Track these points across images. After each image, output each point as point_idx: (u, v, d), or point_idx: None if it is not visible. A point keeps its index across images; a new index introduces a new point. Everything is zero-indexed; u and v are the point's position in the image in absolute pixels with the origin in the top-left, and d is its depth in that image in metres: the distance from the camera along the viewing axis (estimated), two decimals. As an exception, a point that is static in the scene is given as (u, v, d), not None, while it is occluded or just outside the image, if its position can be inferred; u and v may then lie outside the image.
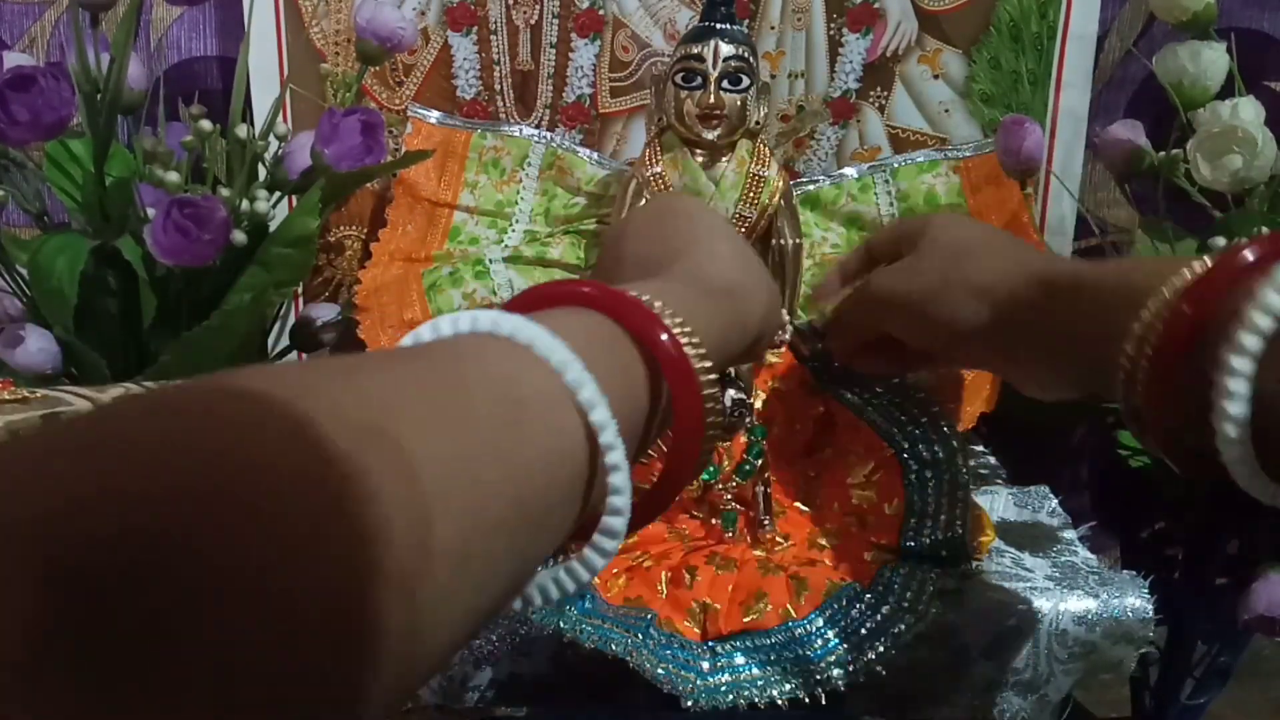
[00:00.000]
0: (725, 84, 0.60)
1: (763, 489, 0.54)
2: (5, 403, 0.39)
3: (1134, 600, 0.50)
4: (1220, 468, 0.29)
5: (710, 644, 0.47)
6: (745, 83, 0.61)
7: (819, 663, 0.45)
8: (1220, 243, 0.58)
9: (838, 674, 0.44)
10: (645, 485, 0.29)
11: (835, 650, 0.45)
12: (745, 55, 0.60)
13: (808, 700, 0.44)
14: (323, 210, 0.53)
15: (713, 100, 0.60)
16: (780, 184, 0.64)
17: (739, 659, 0.46)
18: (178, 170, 0.52)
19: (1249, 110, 0.59)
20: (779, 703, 0.44)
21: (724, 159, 0.62)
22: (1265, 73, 0.73)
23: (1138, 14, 0.74)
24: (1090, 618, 0.49)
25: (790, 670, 0.45)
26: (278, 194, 0.55)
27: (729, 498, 0.55)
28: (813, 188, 0.73)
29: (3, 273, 0.53)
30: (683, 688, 0.44)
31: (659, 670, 0.44)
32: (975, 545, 0.49)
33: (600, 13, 0.73)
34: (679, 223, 0.38)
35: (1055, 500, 0.62)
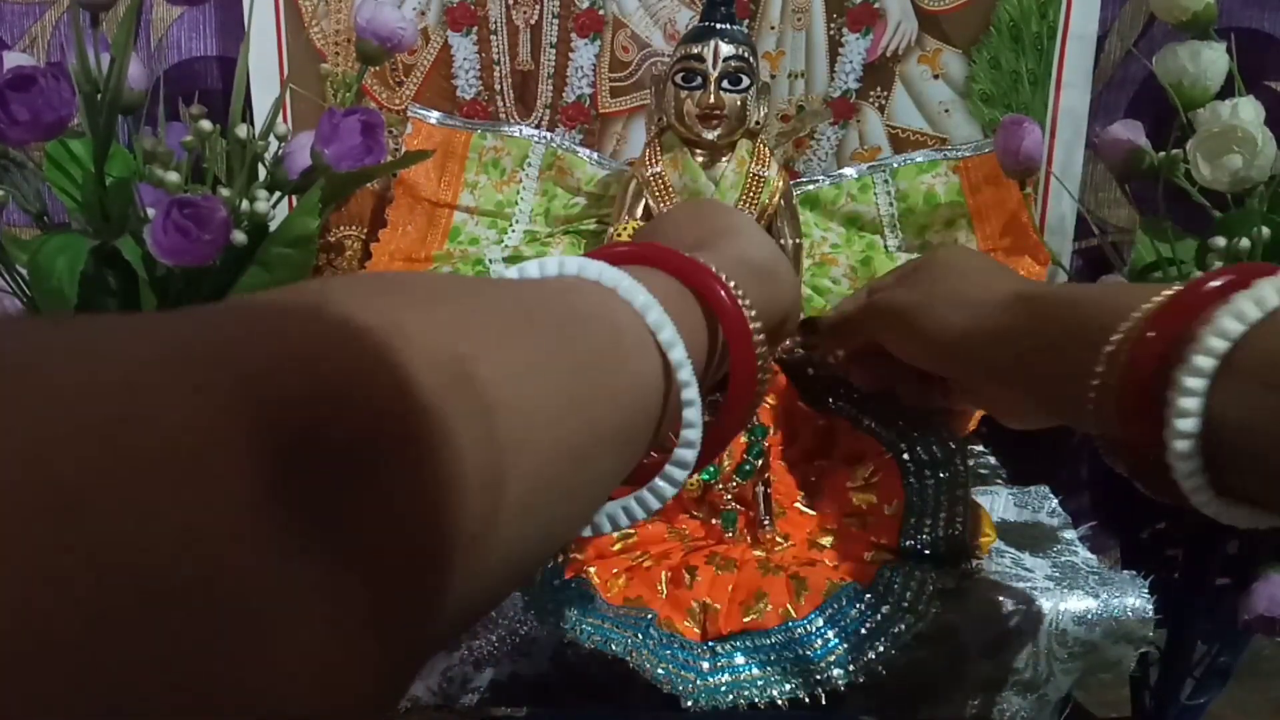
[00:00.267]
0: (725, 84, 0.60)
1: (763, 489, 0.54)
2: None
3: (1134, 600, 0.50)
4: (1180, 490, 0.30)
5: (710, 644, 0.47)
6: (745, 83, 0.61)
7: (819, 663, 0.45)
8: (1220, 243, 0.58)
9: (838, 674, 0.44)
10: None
11: (835, 650, 0.45)
12: (745, 55, 0.61)
13: (808, 700, 0.44)
14: (323, 210, 0.53)
15: (713, 100, 0.60)
16: (780, 184, 0.64)
17: (739, 659, 0.46)
18: (178, 170, 0.52)
19: (1249, 110, 0.59)
20: (779, 703, 0.44)
21: (724, 159, 0.62)
22: (1265, 73, 0.72)
23: (1138, 14, 0.74)
24: (1090, 618, 0.49)
25: (790, 670, 0.45)
26: (278, 194, 0.55)
27: (729, 498, 0.55)
28: (813, 188, 0.73)
29: (3, 273, 0.53)
30: (683, 688, 0.44)
31: (659, 670, 0.44)
32: (975, 545, 0.49)
33: (600, 13, 0.73)
34: (717, 216, 0.41)
35: (1055, 500, 0.62)
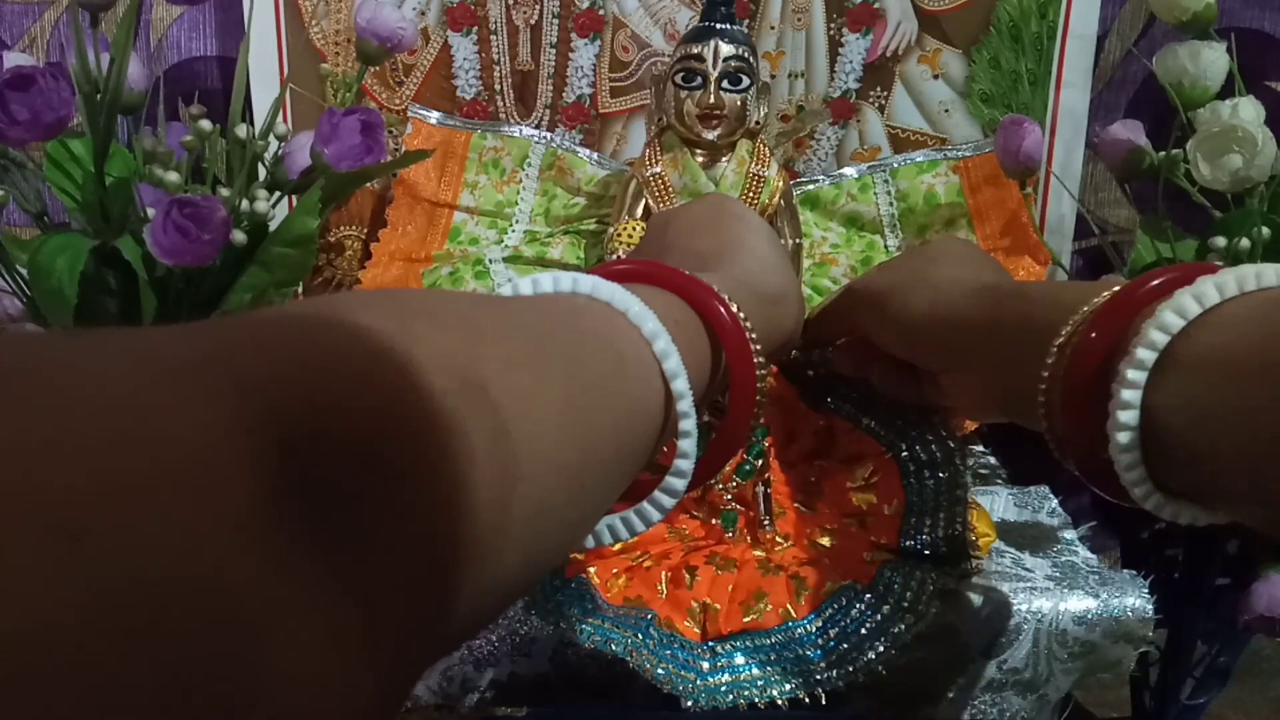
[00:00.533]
0: (725, 84, 0.60)
1: (763, 489, 0.54)
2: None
3: (1134, 600, 0.50)
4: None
5: (710, 644, 0.47)
6: (745, 83, 0.61)
7: (819, 663, 0.45)
8: (1220, 243, 0.58)
9: (838, 674, 0.44)
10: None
11: (835, 650, 0.45)
12: (745, 55, 0.61)
13: (808, 700, 0.44)
14: (323, 210, 0.53)
15: (713, 100, 0.60)
16: (780, 184, 0.64)
17: (739, 659, 0.46)
18: (178, 170, 0.52)
19: (1249, 110, 0.59)
20: (779, 703, 0.44)
21: (724, 159, 0.62)
22: (1265, 73, 0.72)
23: (1138, 14, 0.74)
24: (1090, 617, 0.49)
25: (790, 670, 0.45)
26: (278, 194, 0.55)
27: (729, 498, 0.55)
28: (813, 188, 0.73)
29: (3, 273, 0.53)
30: (683, 688, 0.44)
31: (659, 670, 0.44)
32: (975, 545, 0.49)
33: (600, 13, 0.73)
34: (732, 225, 0.41)
35: (1055, 500, 0.62)
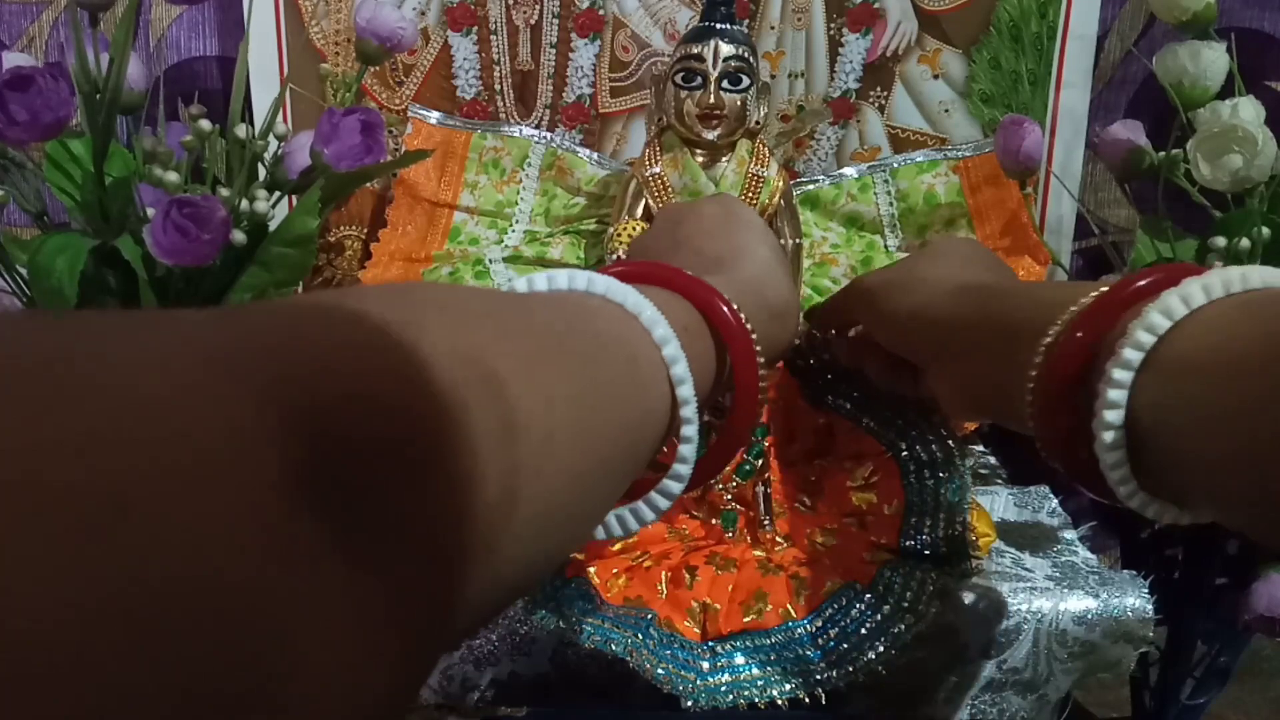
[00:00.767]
0: (725, 84, 0.60)
1: (763, 489, 0.54)
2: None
3: (1134, 600, 0.50)
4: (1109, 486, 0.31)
5: (710, 644, 0.47)
6: (745, 83, 0.61)
7: (819, 663, 0.45)
8: (1220, 243, 0.58)
9: (838, 674, 0.44)
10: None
11: (835, 650, 0.45)
12: (745, 55, 0.60)
13: (808, 700, 0.44)
14: (323, 210, 0.53)
15: (713, 100, 0.60)
16: (780, 184, 0.64)
17: (739, 659, 0.46)
18: (178, 170, 0.52)
19: (1249, 110, 0.59)
20: (779, 703, 0.44)
21: (724, 159, 0.62)
22: (1265, 73, 0.72)
23: (1138, 14, 0.74)
24: (1090, 617, 0.49)
25: (790, 670, 0.45)
26: (278, 194, 0.55)
27: (729, 498, 0.55)
28: (813, 188, 0.73)
29: (3, 273, 0.53)
30: (683, 688, 0.44)
31: (659, 670, 0.44)
32: (975, 545, 0.49)
33: (600, 13, 0.73)
34: (741, 231, 0.42)
35: (1055, 500, 0.62)
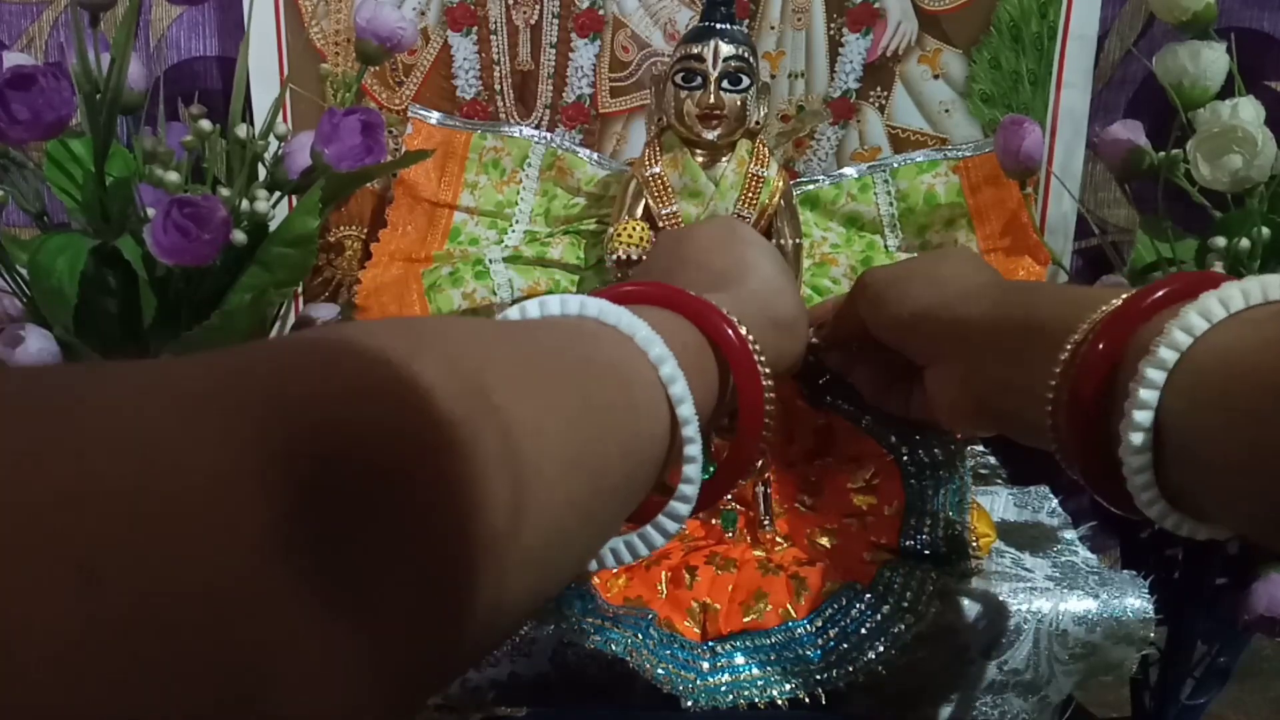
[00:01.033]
0: (725, 84, 0.60)
1: (763, 489, 0.54)
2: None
3: (1134, 600, 0.50)
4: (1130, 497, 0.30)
5: (710, 644, 0.47)
6: (745, 83, 0.61)
7: (819, 662, 0.45)
8: (1220, 243, 0.58)
9: (837, 674, 0.44)
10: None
11: (835, 650, 0.45)
12: (745, 55, 0.60)
13: (808, 700, 0.44)
14: (323, 210, 0.53)
15: (713, 100, 0.60)
16: (780, 184, 0.64)
17: (739, 659, 0.46)
18: (178, 170, 0.52)
19: (1249, 110, 0.59)
20: (779, 703, 0.44)
21: (724, 159, 0.62)
22: (1265, 73, 0.72)
23: (1138, 14, 0.74)
24: (1090, 618, 0.49)
25: (790, 670, 0.45)
26: (278, 194, 0.55)
27: (729, 498, 0.55)
28: (813, 188, 0.73)
29: (3, 273, 0.53)
30: (683, 688, 0.44)
31: (659, 670, 0.44)
32: (975, 545, 0.49)
33: (600, 13, 0.73)
34: (744, 248, 0.42)
35: (1055, 500, 0.62)
